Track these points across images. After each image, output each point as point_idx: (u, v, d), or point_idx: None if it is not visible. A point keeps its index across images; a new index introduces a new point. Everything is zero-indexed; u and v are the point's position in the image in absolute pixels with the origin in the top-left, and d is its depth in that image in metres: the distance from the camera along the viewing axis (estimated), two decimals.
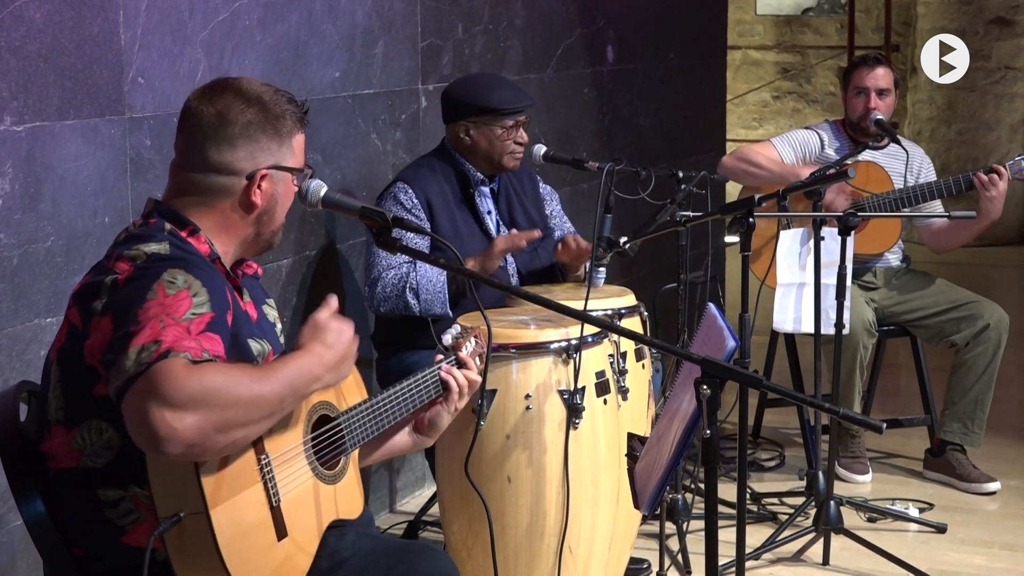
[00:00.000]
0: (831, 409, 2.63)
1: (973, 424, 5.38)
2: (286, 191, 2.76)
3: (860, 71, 5.48)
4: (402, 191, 4.50)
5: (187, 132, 2.71)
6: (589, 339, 3.92)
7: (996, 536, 4.94)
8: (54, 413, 2.58)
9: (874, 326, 5.30)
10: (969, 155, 10.46)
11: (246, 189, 2.70)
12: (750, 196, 4.30)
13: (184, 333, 2.42)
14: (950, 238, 5.53)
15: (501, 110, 4.53)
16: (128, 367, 2.38)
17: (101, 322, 2.50)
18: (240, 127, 2.68)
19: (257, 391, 2.45)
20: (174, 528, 2.43)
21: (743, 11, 12.52)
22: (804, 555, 4.73)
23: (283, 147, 2.73)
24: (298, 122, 2.76)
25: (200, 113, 2.69)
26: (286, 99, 2.75)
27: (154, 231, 2.62)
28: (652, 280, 6.05)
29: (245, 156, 2.69)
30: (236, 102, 2.69)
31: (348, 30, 4.80)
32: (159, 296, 2.46)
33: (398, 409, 2.94)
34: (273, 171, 2.71)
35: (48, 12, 3.59)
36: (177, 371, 2.36)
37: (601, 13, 6.44)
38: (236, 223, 2.72)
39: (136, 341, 2.40)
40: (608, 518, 3.99)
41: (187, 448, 2.35)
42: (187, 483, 2.43)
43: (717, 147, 7.93)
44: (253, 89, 2.72)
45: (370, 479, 5.10)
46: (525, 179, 4.80)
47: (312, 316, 2.68)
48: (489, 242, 4.46)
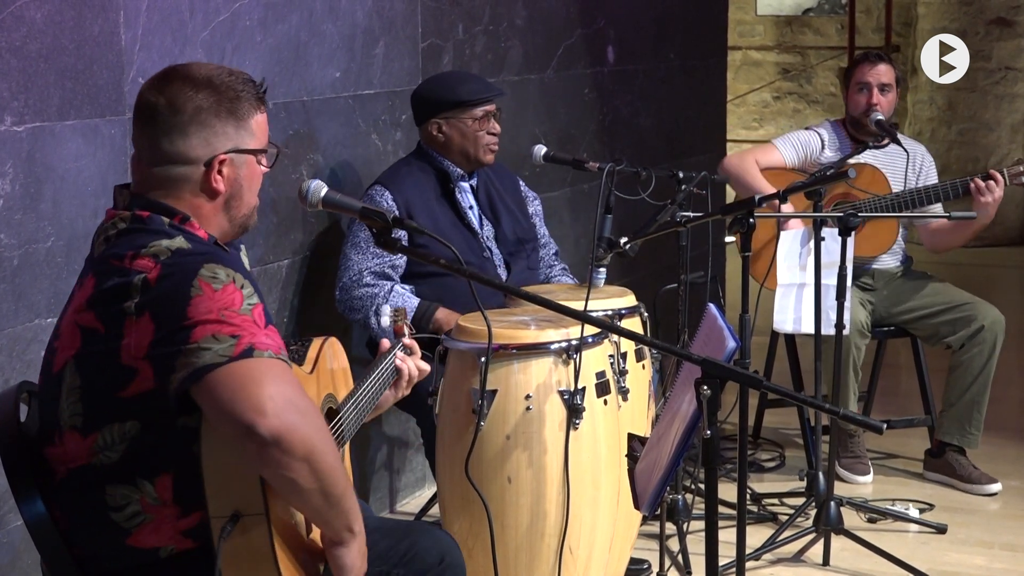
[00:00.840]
0: (831, 410, 2.63)
1: (970, 426, 5.38)
2: (250, 173, 2.68)
3: (862, 67, 5.48)
4: (379, 193, 4.53)
5: (141, 125, 2.64)
6: (589, 339, 3.91)
7: (996, 536, 4.94)
8: (68, 419, 2.54)
9: (868, 327, 5.30)
10: (969, 156, 10.46)
11: (205, 176, 2.62)
12: (750, 196, 4.30)
13: (253, 325, 2.42)
14: (948, 238, 5.53)
15: (469, 101, 4.57)
16: (204, 356, 2.37)
17: (139, 322, 2.45)
18: (190, 114, 2.60)
19: (339, 467, 2.47)
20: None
21: (743, 11, 12.53)
22: (804, 556, 4.73)
23: (240, 129, 2.65)
24: (256, 101, 2.68)
25: (150, 104, 2.62)
26: (241, 80, 2.67)
27: (158, 225, 2.57)
28: (652, 280, 6.05)
29: (199, 143, 2.61)
30: (184, 88, 2.61)
31: (348, 30, 4.81)
32: (206, 292, 2.43)
33: (372, 398, 3.00)
34: (232, 155, 2.64)
35: (49, 12, 3.59)
36: (289, 375, 2.41)
37: (602, 13, 6.45)
38: (206, 209, 2.64)
39: (200, 332, 2.39)
40: (608, 519, 3.99)
41: (276, 439, 2.34)
42: (250, 483, 2.42)
43: (718, 148, 7.93)
44: (202, 73, 2.64)
45: (370, 479, 5.10)
46: (504, 175, 4.84)
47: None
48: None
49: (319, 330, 4.73)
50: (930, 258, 6.16)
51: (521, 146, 5.40)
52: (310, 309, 4.74)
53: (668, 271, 4.96)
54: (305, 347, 2.80)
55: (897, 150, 5.37)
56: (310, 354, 2.79)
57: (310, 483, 2.42)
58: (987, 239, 10.21)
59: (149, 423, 2.47)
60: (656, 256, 6.17)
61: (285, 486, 2.42)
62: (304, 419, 2.38)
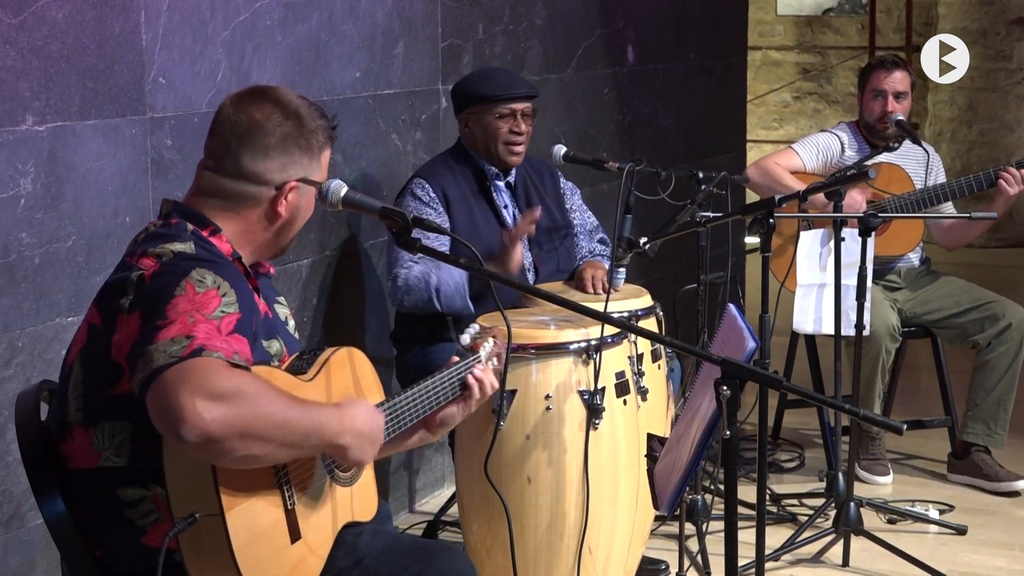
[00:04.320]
0: (851, 410, 2.63)
1: (996, 425, 5.36)
2: (308, 204, 2.79)
3: (878, 74, 5.47)
4: (419, 186, 4.53)
5: (221, 136, 2.72)
6: (609, 339, 3.91)
7: (1017, 538, 4.92)
8: (73, 414, 2.59)
9: (898, 330, 5.28)
10: (990, 156, 10.42)
11: (273, 200, 2.72)
12: (771, 196, 4.29)
13: (215, 331, 2.44)
14: (962, 234, 5.53)
15: (491, 96, 4.54)
16: (157, 358, 2.39)
17: (129, 319, 2.50)
18: (277, 139, 2.70)
19: (287, 415, 2.46)
20: (189, 529, 2.44)
21: (763, 11, 12.50)
22: (824, 556, 4.72)
23: (313, 161, 2.76)
24: (328, 138, 2.80)
25: (237, 120, 2.71)
26: (319, 114, 2.78)
27: (178, 231, 2.63)
28: (672, 281, 6.05)
29: (277, 167, 2.71)
30: (275, 113, 2.71)
31: (368, 30, 4.81)
32: (188, 293, 2.47)
33: (415, 411, 2.90)
34: (301, 184, 2.74)
35: (70, 12, 3.60)
36: (216, 367, 2.38)
37: (621, 13, 6.44)
38: (257, 230, 2.74)
39: (165, 334, 2.41)
40: (628, 518, 3.99)
41: (205, 440, 2.35)
42: (204, 484, 2.43)
43: (737, 148, 7.92)
44: (291, 102, 2.75)
45: (389, 479, 5.10)
46: (545, 175, 4.80)
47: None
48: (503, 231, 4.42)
49: (337, 328, 4.76)
50: (948, 258, 6.15)
51: (541, 146, 5.39)
52: (330, 309, 4.75)
53: (688, 271, 4.95)
54: (315, 356, 2.77)
55: (912, 150, 5.37)
56: (317, 362, 2.75)
57: (264, 449, 2.44)
58: (1005, 239, 10.18)
59: (139, 425, 2.49)
60: (676, 256, 6.16)
61: (246, 463, 2.44)
62: (227, 403, 2.37)
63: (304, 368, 2.72)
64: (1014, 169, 5.21)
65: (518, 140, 4.57)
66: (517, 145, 4.57)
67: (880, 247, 5.27)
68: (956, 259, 6.01)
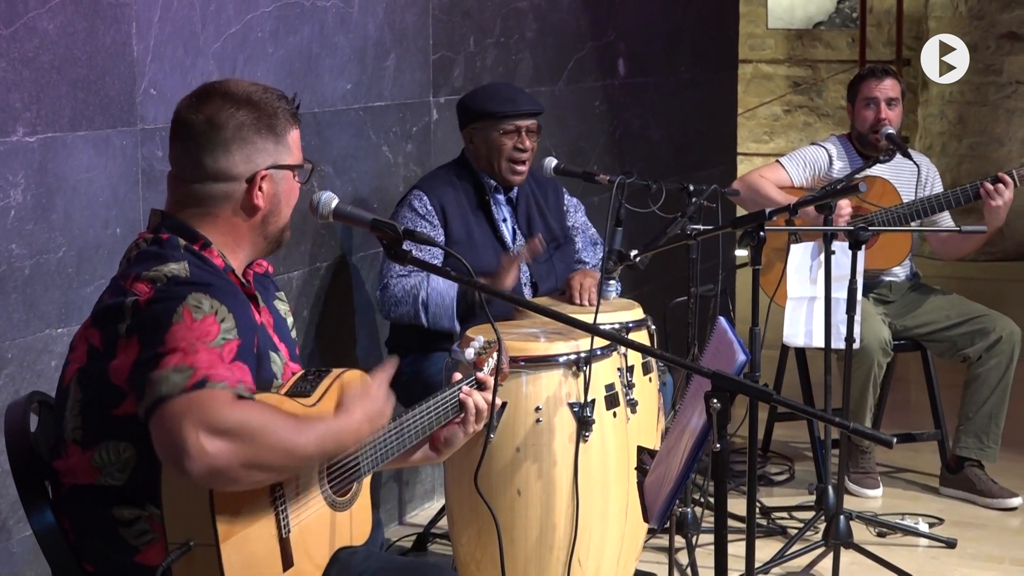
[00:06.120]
0: (842, 423, 2.63)
1: (988, 439, 5.36)
2: (288, 189, 2.72)
3: (869, 82, 5.49)
4: (417, 198, 4.55)
5: (180, 142, 2.66)
6: (599, 352, 3.91)
7: (1007, 551, 4.92)
8: (71, 433, 2.56)
9: (890, 344, 5.27)
10: (980, 170, 10.43)
11: (247, 193, 2.66)
12: (761, 210, 4.29)
13: (217, 360, 2.41)
14: (959, 245, 5.54)
15: (496, 113, 4.55)
16: (161, 387, 2.37)
17: (128, 344, 2.48)
18: (232, 130, 2.63)
19: (293, 443, 2.45)
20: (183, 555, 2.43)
21: (754, 25, 12.52)
22: (813, 570, 4.72)
23: (279, 145, 2.68)
24: (291, 118, 2.70)
25: (190, 121, 2.64)
26: (276, 96, 2.70)
27: (170, 250, 2.58)
28: (662, 293, 6.04)
29: (241, 160, 2.64)
30: (225, 105, 2.64)
31: (360, 43, 4.81)
32: (186, 320, 2.44)
33: (414, 433, 2.89)
34: (272, 171, 2.67)
35: (61, 23, 3.60)
36: (222, 400, 2.37)
37: (612, 26, 6.45)
38: (242, 228, 2.68)
39: (167, 362, 2.39)
40: (617, 531, 3.99)
41: (209, 473, 2.34)
42: (200, 512, 2.41)
43: (728, 161, 7.93)
44: (241, 90, 2.67)
45: (379, 491, 5.10)
46: (549, 191, 4.81)
47: (367, 380, 2.69)
48: (503, 253, 4.45)
49: (328, 340, 4.76)
50: (940, 272, 6.16)
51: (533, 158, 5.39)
52: (322, 322, 4.74)
53: (678, 284, 4.95)
54: (319, 378, 2.72)
55: (904, 163, 5.37)
56: (321, 386, 2.70)
57: (274, 474, 2.46)
58: (997, 253, 10.19)
59: (141, 447, 2.48)
60: (666, 269, 6.16)
61: (253, 487, 2.44)
62: (231, 438, 2.35)
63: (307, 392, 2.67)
64: (989, 184, 5.21)
65: (522, 157, 4.59)
66: (520, 164, 4.59)
67: (867, 260, 5.27)
68: (947, 272, 6.02)
